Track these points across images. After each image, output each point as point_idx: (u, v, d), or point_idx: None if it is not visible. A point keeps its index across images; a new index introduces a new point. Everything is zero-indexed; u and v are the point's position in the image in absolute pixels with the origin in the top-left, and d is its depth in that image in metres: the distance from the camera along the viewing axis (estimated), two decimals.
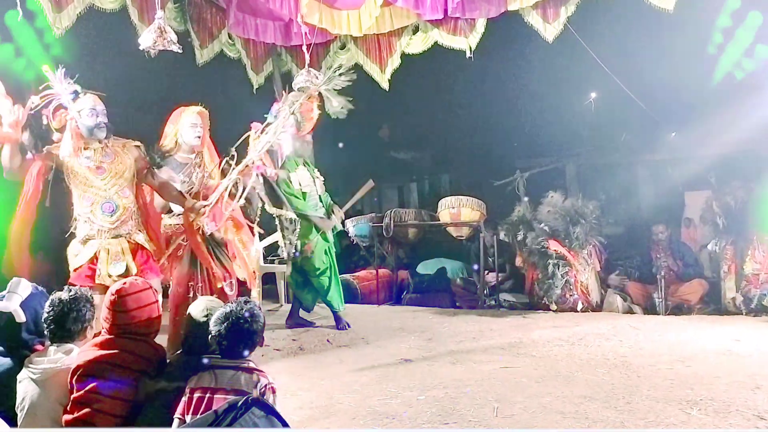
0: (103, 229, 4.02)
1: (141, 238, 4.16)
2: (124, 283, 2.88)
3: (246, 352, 2.64)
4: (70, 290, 2.93)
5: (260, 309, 2.74)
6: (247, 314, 2.62)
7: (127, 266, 3.97)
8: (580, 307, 6.66)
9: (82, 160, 4.01)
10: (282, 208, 5.96)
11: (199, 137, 4.66)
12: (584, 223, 6.83)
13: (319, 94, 4.72)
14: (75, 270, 4.02)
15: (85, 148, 4.03)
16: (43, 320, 2.89)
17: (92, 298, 3.00)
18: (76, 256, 4.03)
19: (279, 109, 4.34)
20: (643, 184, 11.27)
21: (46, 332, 2.90)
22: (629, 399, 3.71)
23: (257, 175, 4.70)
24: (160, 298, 3.01)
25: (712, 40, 7.22)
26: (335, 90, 4.51)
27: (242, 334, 2.61)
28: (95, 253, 3.99)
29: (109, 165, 4.08)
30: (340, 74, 4.49)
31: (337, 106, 4.62)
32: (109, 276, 3.90)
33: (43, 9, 5.25)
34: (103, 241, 4.00)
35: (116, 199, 4.06)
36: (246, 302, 2.69)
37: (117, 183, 4.08)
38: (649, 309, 6.63)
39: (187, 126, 4.65)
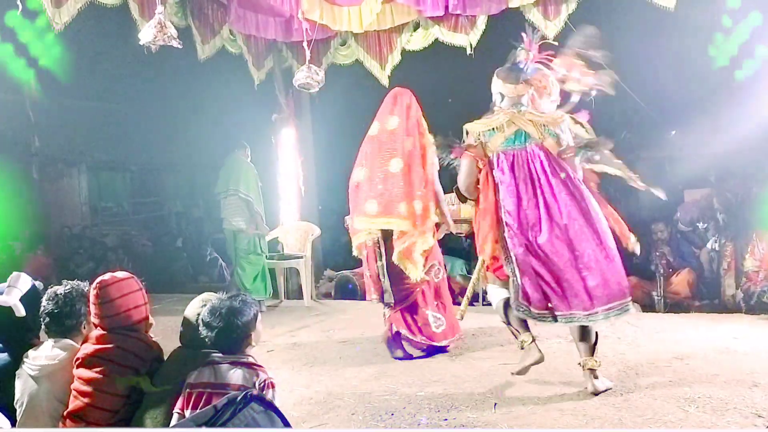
0: None
1: None
2: (105, 275, 2.85)
3: (237, 346, 2.64)
4: (66, 284, 2.90)
5: (250, 302, 2.72)
6: (232, 308, 2.62)
7: None
8: None
9: None
10: None
11: None
12: None
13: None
14: None
15: None
16: (40, 314, 2.87)
17: (87, 293, 2.91)
18: None
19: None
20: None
21: (42, 326, 2.89)
22: (627, 396, 3.71)
23: None
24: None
25: (713, 40, 7.21)
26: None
27: (230, 327, 2.61)
28: None
29: None
30: None
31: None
32: None
33: (43, 6, 5.24)
34: None
35: None
36: (235, 296, 2.69)
37: None
38: (648, 306, 6.61)
39: None
